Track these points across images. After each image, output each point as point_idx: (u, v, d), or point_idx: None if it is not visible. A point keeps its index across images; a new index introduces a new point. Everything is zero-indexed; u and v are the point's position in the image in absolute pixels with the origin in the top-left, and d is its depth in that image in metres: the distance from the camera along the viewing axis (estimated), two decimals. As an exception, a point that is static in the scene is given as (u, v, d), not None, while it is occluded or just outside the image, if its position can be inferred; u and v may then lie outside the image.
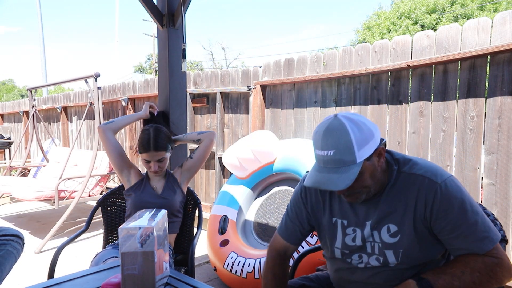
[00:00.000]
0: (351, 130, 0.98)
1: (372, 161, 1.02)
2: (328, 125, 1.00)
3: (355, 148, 0.97)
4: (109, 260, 1.60)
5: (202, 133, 1.98)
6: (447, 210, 0.99)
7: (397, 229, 1.06)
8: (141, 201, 1.81)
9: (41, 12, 11.42)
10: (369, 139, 0.99)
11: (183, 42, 2.46)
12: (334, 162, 0.98)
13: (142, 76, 26.77)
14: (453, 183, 1.02)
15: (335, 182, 0.97)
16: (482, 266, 0.95)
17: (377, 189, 1.07)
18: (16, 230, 1.50)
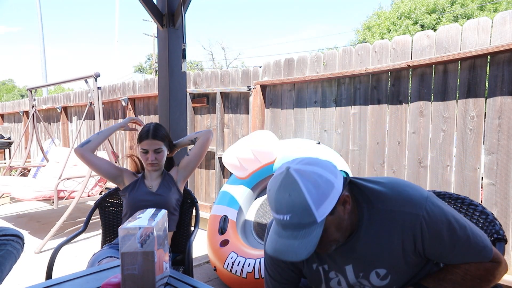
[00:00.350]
0: (306, 188, 0.87)
1: (337, 213, 0.92)
2: (280, 184, 0.89)
3: (313, 209, 0.87)
4: (104, 261, 1.60)
5: (199, 132, 2.02)
6: (438, 237, 0.94)
7: (387, 271, 1.00)
8: (135, 200, 1.82)
9: (41, 12, 11.42)
10: (328, 192, 0.88)
11: (183, 42, 2.46)
12: (293, 226, 0.88)
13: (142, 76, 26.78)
14: (433, 206, 0.94)
15: (295, 251, 0.88)
16: (484, 273, 0.95)
17: (348, 234, 0.99)
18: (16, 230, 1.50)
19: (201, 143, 1.97)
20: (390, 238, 0.96)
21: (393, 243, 0.96)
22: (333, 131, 2.93)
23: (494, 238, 1.17)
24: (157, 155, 1.84)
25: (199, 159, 1.98)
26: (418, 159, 2.46)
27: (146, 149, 1.83)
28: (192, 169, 1.98)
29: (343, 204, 0.94)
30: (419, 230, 0.93)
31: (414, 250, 0.96)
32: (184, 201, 2.05)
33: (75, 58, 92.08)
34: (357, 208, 0.99)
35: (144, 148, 1.83)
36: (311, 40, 64.52)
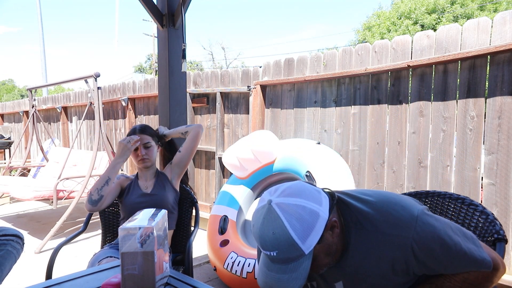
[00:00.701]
0: (289, 224, 0.85)
1: (325, 240, 0.91)
2: (263, 221, 0.88)
3: (299, 243, 0.85)
4: (104, 261, 1.60)
5: (190, 126, 2.03)
6: (432, 257, 0.91)
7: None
8: (130, 203, 1.82)
9: (41, 12, 11.43)
10: (313, 224, 0.86)
11: (183, 42, 2.46)
12: (281, 260, 0.88)
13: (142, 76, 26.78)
14: (424, 226, 0.91)
15: (286, 285, 0.87)
16: (481, 281, 0.94)
17: (339, 253, 0.97)
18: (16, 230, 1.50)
19: (191, 138, 1.98)
20: (380, 259, 0.95)
21: (382, 264, 0.95)
22: (333, 131, 2.93)
23: (494, 238, 1.17)
24: (147, 150, 1.86)
25: (191, 154, 1.99)
26: (418, 159, 2.46)
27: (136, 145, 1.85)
28: (185, 165, 1.98)
29: (331, 229, 0.93)
30: (411, 253, 0.91)
31: (407, 272, 0.94)
32: (184, 201, 2.05)
33: (75, 58, 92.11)
34: (345, 227, 0.98)
35: None
36: (311, 40, 64.55)
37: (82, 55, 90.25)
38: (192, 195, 2.05)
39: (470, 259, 0.91)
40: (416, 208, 0.95)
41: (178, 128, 2.07)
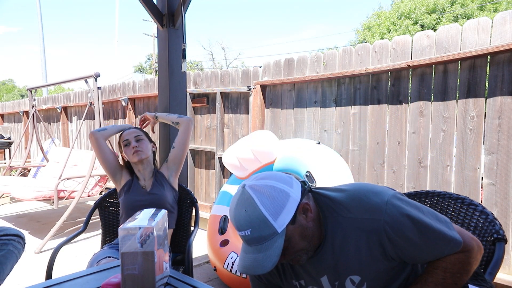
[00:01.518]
0: (260, 202, 0.90)
1: (298, 221, 0.94)
2: (237, 202, 0.93)
3: (270, 220, 0.89)
4: (103, 261, 1.60)
5: (181, 117, 2.04)
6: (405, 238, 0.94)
7: (361, 278, 1.00)
8: (130, 201, 1.83)
9: (41, 12, 11.43)
10: (284, 203, 0.91)
11: (183, 42, 2.46)
12: (255, 240, 0.91)
13: (142, 76, 26.78)
14: (393, 208, 0.94)
15: (261, 264, 0.90)
16: (460, 266, 0.95)
17: (318, 241, 1.00)
18: (17, 230, 1.50)
19: (182, 131, 1.99)
20: (357, 246, 0.97)
21: (360, 251, 0.97)
22: (333, 131, 2.93)
23: (494, 238, 1.17)
24: (139, 142, 1.87)
25: (185, 148, 1.99)
26: (418, 159, 2.46)
27: (127, 138, 1.87)
28: (180, 160, 1.98)
29: (304, 212, 0.96)
30: (384, 235, 0.94)
31: (385, 255, 0.96)
32: (184, 201, 2.05)
33: (75, 58, 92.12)
34: (321, 217, 1.00)
35: (125, 139, 1.88)
36: (311, 40, 64.55)
37: (82, 55, 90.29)
38: (192, 195, 2.05)
39: (441, 239, 0.93)
40: (387, 193, 0.97)
41: (170, 115, 2.09)
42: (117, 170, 1.91)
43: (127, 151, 1.86)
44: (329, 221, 0.99)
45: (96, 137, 1.88)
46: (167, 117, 2.09)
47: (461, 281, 0.95)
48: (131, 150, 1.84)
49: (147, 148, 1.89)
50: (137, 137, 1.88)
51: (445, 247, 0.94)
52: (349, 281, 1.01)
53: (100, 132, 1.91)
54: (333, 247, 1.00)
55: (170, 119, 2.07)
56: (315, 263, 1.04)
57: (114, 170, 1.90)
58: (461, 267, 0.95)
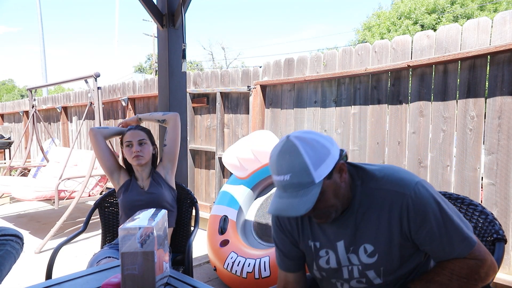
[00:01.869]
0: (304, 151, 0.93)
1: (334, 178, 0.98)
2: (281, 149, 0.97)
3: (311, 169, 0.93)
4: (103, 261, 1.60)
5: (167, 114, 2.02)
6: (424, 218, 0.96)
7: (374, 248, 1.03)
8: (129, 200, 1.83)
9: (41, 12, 11.43)
10: (325, 157, 0.95)
11: (183, 42, 2.46)
12: (292, 186, 0.94)
13: (142, 76, 26.78)
14: (422, 189, 0.98)
15: (295, 207, 0.93)
16: (468, 271, 0.95)
17: (345, 205, 1.04)
18: (15, 230, 1.50)
19: (171, 128, 1.98)
20: (378, 216, 1.01)
21: (380, 221, 1.01)
22: (333, 131, 2.93)
23: (493, 238, 1.17)
24: (141, 147, 1.85)
25: (176, 144, 1.98)
26: (418, 159, 2.46)
27: (130, 140, 1.84)
28: (174, 157, 1.97)
29: (339, 171, 1.00)
30: (405, 209, 0.97)
31: (401, 231, 0.99)
32: (184, 201, 2.05)
33: (75, 58, 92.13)
34: (351, 185, 1.05)
35: (128, 140, 1.85)
36: (311, 40, 64.55)
37: (82, 55, 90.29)
38: (192, 195, 2.05)
39: (457, 233, 0.95)
40: (418, 177, 1.02)
41: (154, 114, 2.06)
42: (115, 169, 1.90)
43: (128, 152, 1.85)
44: (358, 189, 1.04)
45: (94, 133, 1.88)
46: (151, 116, 2.05)
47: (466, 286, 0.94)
48: (132, 153, 1.83)
49: (148, 153, 1.88)
50: (140, 141, 1.85)
51: (458, 244, 0.95)
52: (363, 249, 1.04)
53: (100, 129, 1.91)
54: (356, 214, 1.04)
55: (155, 118, 2.03)
56: (336, 227, 1.07)
57: (112, 169, 1.89)
58: (469, 273, 0.95)
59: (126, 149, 1.85)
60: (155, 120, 2.04)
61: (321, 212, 1.01)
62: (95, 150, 1.89)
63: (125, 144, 1.86)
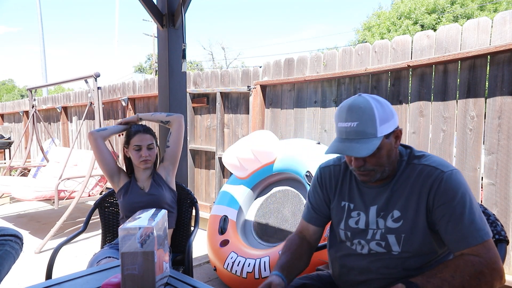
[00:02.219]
0: (375, 106, 1.04)
1: (390, 140, 1.09)
2: (353, 101, 1.07)
3: (377, 123, 1.03)
4: (103, 261, 1.60)
5: (171, 115, 2.00)
6: (448, 199, 1.03)
7: (400, 214, 1.10)
8: (129, 202, 1.83)
9: (41, 12, 11.43)
10: (389, 118, 1.06)
11: (183, 42, 2.46)
12: (357, 133, 1.04)
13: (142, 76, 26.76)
14: (458, 175, 1.06)
15: (357, 150, 1.03)
16: (472, 270, 0.96)
17: (389, 172, 1.12)
18: (15, 230, 1.49)
19: (175, 129, 1.97)
20: (412, 186, 1.09)
21: (413, 190, 1.09)
22: (333, 131, 2.93)
23: (495, 239, 1.17)
24: (150, 151, 1.85)
25: (179, 146, 1.98)
26: (418, 159, 2.46)
27: (139, 145, 1.84)
28: (176, 159, 1.97)
29: (396, 137, 1.11)
30: (436, 184, 1.05)
31: (426, 205, 1.06)
32: (184, 201, 2.05)
33: (75, 58, 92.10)
34: (398, 159, 1.15)
35: (137, 144, 1.84)
36: (311, 40, 64.53)
37: (82, 55, 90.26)
38: (192, 195, 2.05)
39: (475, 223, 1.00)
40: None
41: (157, 114, 2.03)
42: (115, 171, 1.89)
43: (135, 155, 1.84)
44: (403, 163, 1.14)
45: (94, 137, 1.86)
46: (153, 117, 2.02)
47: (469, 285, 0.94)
48: (141, 158, 1.83)
49: (154, 157, 1.90)
50: (149, 146, 1.86)
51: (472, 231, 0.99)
52: (391, 215, 1.12)
53: (99, 132, 1.89)
54: (395, 184, 1.13)
55: (158, 119, 2.01)
56: (375, 192, 1.16)
57: (112, 171, 1.89)
58: (473, 272, 0.95)
59: (134, 152, 1.84)
60: (158, 121, 2.01)
61: (370, 168, 1.09)
62: (95, 153, 1.88)
63: (134, 148, 1.84)
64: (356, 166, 1.11)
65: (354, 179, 1.22)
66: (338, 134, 1.09)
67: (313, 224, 1.31)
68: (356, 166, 1.11)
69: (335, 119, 1.11)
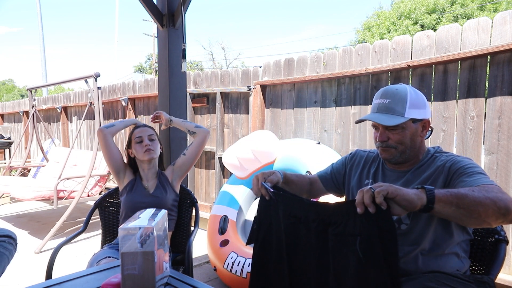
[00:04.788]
0: (410, 92, 1.18)
1: (417, 126, 1.20)
2: (393, 85, 1.23)
3: (407, 105, 1.16)
4: (103, 261, 1.60)
5: (199, 128, 2.00)
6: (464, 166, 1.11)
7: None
8: (132, 201, 1.83)
9: (41, 13, 11.43)
10: (420, 107, 1.18)
11: (183, 42, 2.46)
12: (387, 108, 1.19)
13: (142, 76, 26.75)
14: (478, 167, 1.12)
15: (382, 119, 1.17)
16: (490, 188, 0.97)
17: (410, 157, 1.22)
18: (8, 230, 1.46)
19: (198, 142, 1.97)
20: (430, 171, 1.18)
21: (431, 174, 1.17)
22: (333, 131, 2.93)
23: (495, 239, 1.17)
24: (151, 142, 1.87)
25: (195, 159, 1.98)
26: (418, 159, 2.46)
27: (140, 136, 1.86)
28: (187, 169, 1.98)
29: (423, 127, 1.22)
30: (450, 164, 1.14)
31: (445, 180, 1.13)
32: (184, 201, 2.05)
33: (75, 58, 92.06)
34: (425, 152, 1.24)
35: (138, 135, 1.86)
36: (311, 40, 64.51)
37: (82, 55, 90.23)
38: (193, 195, 2.05)
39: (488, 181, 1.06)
40: None
41: (187, 122, 2.05)
42: (121, 168, 1.90)
43: (139, 148, 1.85)
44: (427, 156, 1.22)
45: (104, 133, 1.88)
46: (183, 124, 2.05)
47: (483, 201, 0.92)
48: (144, 148, 1.84)
49: (157, 149, 1.91)
50: (150, 136, 1.88)
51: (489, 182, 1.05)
52: None
53: (108, 128, 1.91)
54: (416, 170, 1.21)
55: (187, 127, 2.03)
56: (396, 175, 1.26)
57: (119, 168, 1.90)
58: (490, 189, 0.96)
59: (137, 145, 1.86)
60: (186, 128, 2.04)
61: (391, 145, 1.20)
62: (104, 149, 1.89)
63: (136, 141, 1.86)
64: (380, 140, 1.22)
65: (382, 164, 1.33)
66: (371, 109, 1.24)
67: (322, 181, 1.46)
68: (380, 140, 1.22)
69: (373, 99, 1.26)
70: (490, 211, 0.91)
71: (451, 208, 0.92)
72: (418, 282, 1.04)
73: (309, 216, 1.08)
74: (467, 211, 0.92)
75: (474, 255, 1.25)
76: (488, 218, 0.92)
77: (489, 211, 0.91)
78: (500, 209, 0.91)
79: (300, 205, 1.11)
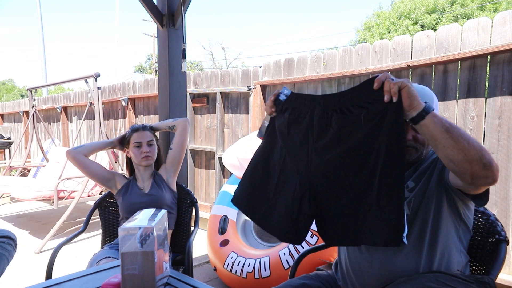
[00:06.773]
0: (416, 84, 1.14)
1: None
2: None
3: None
4: (102, 261, 1.60)
5: (177, 119, 2.03)
6: None
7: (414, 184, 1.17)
8: (129, 203, 1.83)
9: (41, 13, 11.43)
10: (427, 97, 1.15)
11: (183, 42, 2.46)
12: None
13: (142, 76, 26.75)
14: None
15: None
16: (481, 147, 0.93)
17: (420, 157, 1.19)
18: (7, 231, 1.46)
19: (179, 132, 1.98)
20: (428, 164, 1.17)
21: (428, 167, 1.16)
22: (333, 131, 2.93)
23: (495, 239, 1.17)
24: (150, 148, 1.87)
25: (183, 149, 1.98)
26: (418, 159, 2.46)
27: (139, 141, 1.86)
28: (179, 162, 1.98)
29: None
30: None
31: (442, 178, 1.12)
32: (184, 201, 2.05)
33: (75, 58, 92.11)
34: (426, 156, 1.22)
35: (137, 140, 1.86)
36: (311, 40, 64.48)
37: (82, 55, 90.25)
38: (192, 195, 2.05)
39: None
40: None
41: (165, 121, 2.07)
42: (108, 178, 1.89)
43: (136, 153, 1.86)
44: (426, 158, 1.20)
45: (72, 155, 1.84)
46: (162, 125, 2.06)
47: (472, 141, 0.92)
48: (142, 154, 1.84)
49: (155, 154, 1.91)
50: (149, 142, 1.88)
51: None
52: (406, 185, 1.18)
53: (76, 149, 1.87)
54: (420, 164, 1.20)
55: (166, 125, 2.04)
56: None
57: (105, 179, 1.89)
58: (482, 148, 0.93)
59: (135, 150, 1.85)
60: (166, 126, 2.04)
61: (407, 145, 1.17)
62: (80, 169, 1.87)
63: (134, 145, 1.86)
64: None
65: None
66: None
67: None
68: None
69: None
70: (474, 153, 0.91)
71: (440, 129, 0.93)
72: (418, 282, 1.04)
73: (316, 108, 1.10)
74: (454, 140, 0.92)
75: (474, 255, 1.25)
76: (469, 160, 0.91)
77: (472, 152, 0.91)
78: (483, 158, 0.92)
79: (311, 99, 1.12)
